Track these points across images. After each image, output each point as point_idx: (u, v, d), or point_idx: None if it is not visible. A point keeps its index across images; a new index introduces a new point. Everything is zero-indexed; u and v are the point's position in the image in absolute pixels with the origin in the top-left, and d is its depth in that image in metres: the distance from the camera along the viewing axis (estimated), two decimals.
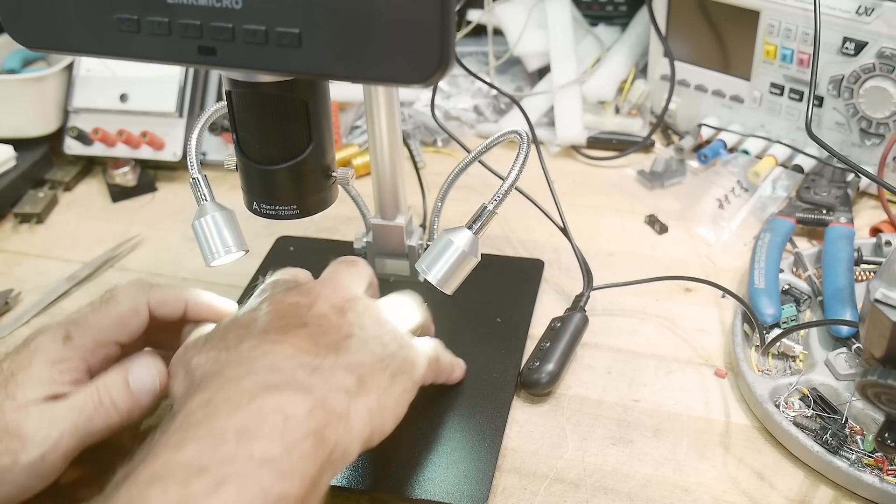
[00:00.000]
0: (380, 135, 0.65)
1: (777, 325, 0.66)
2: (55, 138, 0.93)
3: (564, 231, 0.73)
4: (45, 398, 0.49)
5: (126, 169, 0.90)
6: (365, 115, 0.66)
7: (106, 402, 0.51)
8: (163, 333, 0.60)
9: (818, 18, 0.75)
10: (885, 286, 0.48)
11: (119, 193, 0.90)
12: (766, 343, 0.63)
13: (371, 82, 0.58)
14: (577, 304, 0.69)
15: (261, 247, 0.79)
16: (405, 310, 0.58)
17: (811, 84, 0.76)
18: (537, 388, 0.63)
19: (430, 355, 0.56)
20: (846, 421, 0.58)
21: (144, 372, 0.53)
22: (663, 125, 0.95)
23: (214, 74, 0.94)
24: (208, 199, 0.62)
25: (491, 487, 0.56)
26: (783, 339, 0.63)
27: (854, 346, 0.62)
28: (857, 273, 0.70)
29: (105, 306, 0.54)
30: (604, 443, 0.60)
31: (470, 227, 0.59)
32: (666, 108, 0.92)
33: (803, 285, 0.70)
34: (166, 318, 0.57)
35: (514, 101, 0.90)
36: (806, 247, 0.76)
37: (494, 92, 1.00)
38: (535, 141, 0.77)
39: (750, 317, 0.65)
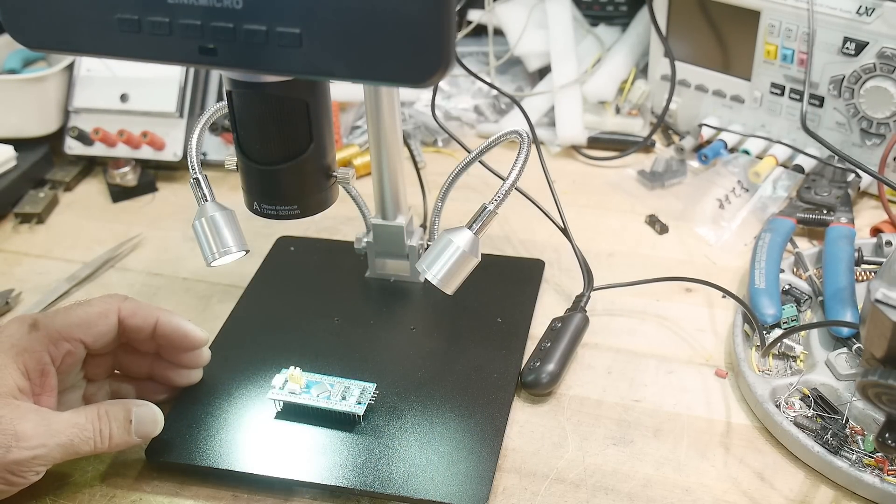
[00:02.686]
0: (380, 135, 0.65)
1: (777, 326, 0.66)
2: (56, 138, 0.93)
3: (565, 231, 0.73)
4: (19, 393, 0.51)
5: (126, 169, 0.90)
6: (365, 115, 0.66)
7: (104, 433, 0.54)
8: (132, 357, 0.62)
9: (812, 15, 0.75)
10: (886, 286, 0.47)
11: (119, 193, 0.90)
12: (767, 345, 0.63)
13: (371, 82, 0.58)
14: (578, 305, 0.69)
15: (261, 247, 0.79)
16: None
17: (806, 81, 0.76)
18: (538, 388, 0.63)
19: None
20: (847, 421, 0.58)
21: (149, 417, 0.56)
22: (664, 125, 0.95)
23: (215, 74, 0.94)
24: (209, 199, 0.62)
25: (491, 487, 0.56)
26: (783, 340, 0.63)
27: (854, 347, 0.62)
28: (858, 273, 0.70)
29: (77, 306, 0.57)
30: (604, 443, 0.60)
31: (470, 227, 0.60)
32: (666, 108, 0.92)
33: (804, 285, 0.70)
34: (135, 330, 0.58)
35: (515, 102, 0.90)
36: (806, 247, 0.76)
37: (495, 92, 1.00)
38: (536, 141, 0.77)
39: (753, 313, 0.65)
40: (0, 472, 0.50)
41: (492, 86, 0.89)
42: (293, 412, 0.61)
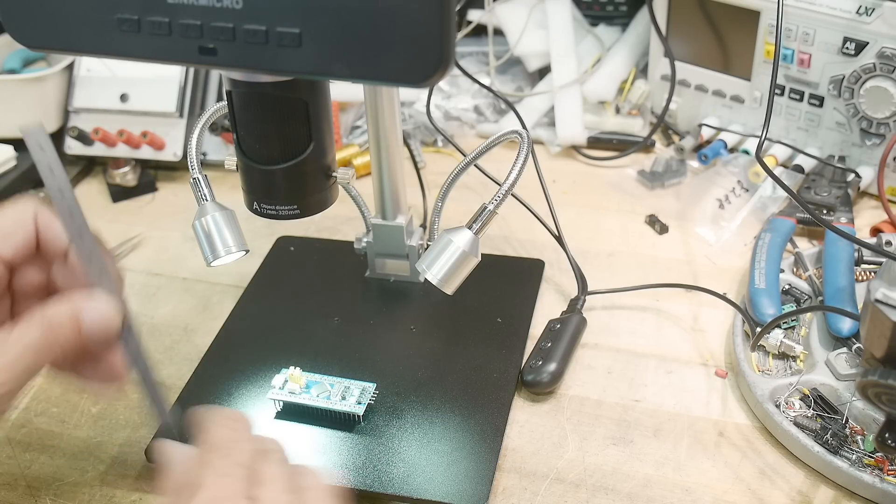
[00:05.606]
0: (380, 135, 0.65)
1: (778, 326, 0.66)
2: (55, 138, 0.93)
3: (559, 239, 0.73)
4: None
5: (126, 169, 0.90)
6: (365, 115, 0.66)
7: (54, 344, 0.46)
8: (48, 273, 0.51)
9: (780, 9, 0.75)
10: (886, 286, 0.47)
11: (119, 193, 0.90)
12: (755, 337, 0.63)
13: (371, 82, 0.58)
14: (574, 308, 0.69)
15: (261, 247, 0.79)
16: None
17: (770, 94, 0.76)
18: (539, 387, 0.63)
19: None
20: (846, 421, 0.58)
21: (97, 315, 0.47)
22: (664, 125, 0.95)
23: (215, 74, 0.94)
24: (209, 198, 0.62)
25: (491, 487, 0.56)
26: (783, 339, 0.63)
27: (854, 346, 0.62)
28: (858, 273, 0.70)
29: None
30: (604, 443, 0.60)
31: (470, 227, 0.60)
32: (666, 108, 0.92)
33: (804, 285, 0.70)
34: (53, 244, 0.50)
35: (510, 105, 0.90)
36: (806, 247, 0.76)
37: None
38: (531, 144, 0.77)
39: (749, 317, 0.66)
40: None
41: (488, 88, 0.89)
42: (293, 412, 0.61)
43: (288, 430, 0.60)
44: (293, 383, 0.61)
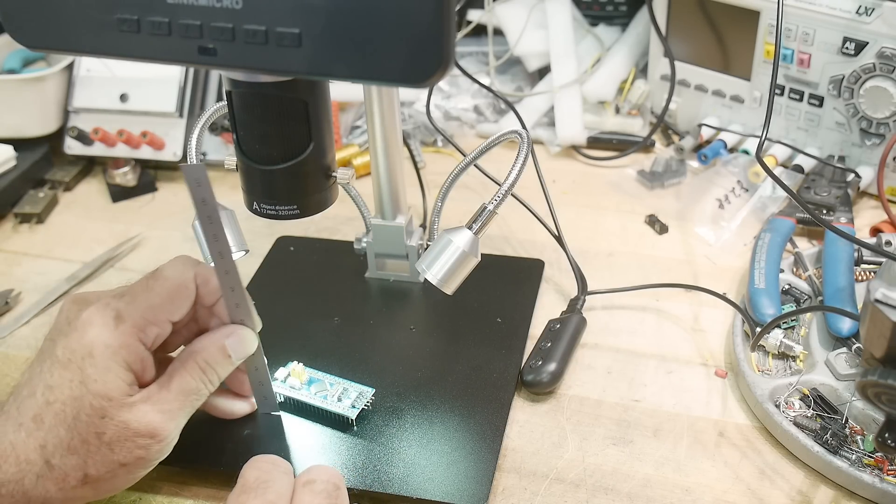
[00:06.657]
0: (380, 135, 0.65)
1: (778, 326, 0.66)
2: (55, 138, 0.93)
3: (559, 239, 0.73)
4: (130, 388, 0.51)
5: (126, 169, 0.90)
6: (365, 115, 0.66)
7: (214, 380, 0.54)
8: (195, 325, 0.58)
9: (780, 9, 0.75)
10: (886, 286, 0.48)
11: (119, 193, 0.90)
12: (757, 335, 0.63)
13: (371, 82, 0.58)
14: (574, 308, 0.69)
15: (261, 247, 0.79)
16: None
17: (771, 94, 0.76)
18: (539, 387, 0.63)
19: None
20: (846, 421, 0.58)
21: (240, 344, 0.55)
22: (663, 125, 0.95)
23: (214, 74, 0.94)
24: None
25: (491, 487, 0.56)
26: (783, 339, 0.63)
27: (854, 346, 0.62)
28: (857, 273, 0.70)
29: (153, 283, 0.53)
30: (604, 443, 0.60)
31: (470, 227, 0.60)
32: (666, 108, 0.92)
33: (803, 285, 0.70)
34: (209, 297, 0.55)
35: (510, 105, 0.90)
36: (806, 247, 0.76)
37: None
38: (531, 144, 0.77)
39: (749, 317, 0.66)
40: (150, 466, 0.52)
41: (488, 88, 0.89)
42: (292, 407, 0.61)
43: (288, 430, 0.60)
44: (295, 378, 0.61)
